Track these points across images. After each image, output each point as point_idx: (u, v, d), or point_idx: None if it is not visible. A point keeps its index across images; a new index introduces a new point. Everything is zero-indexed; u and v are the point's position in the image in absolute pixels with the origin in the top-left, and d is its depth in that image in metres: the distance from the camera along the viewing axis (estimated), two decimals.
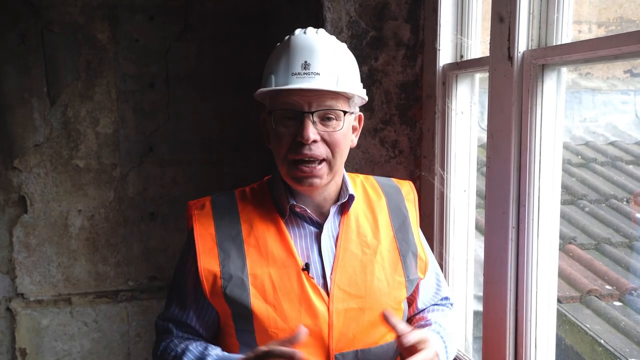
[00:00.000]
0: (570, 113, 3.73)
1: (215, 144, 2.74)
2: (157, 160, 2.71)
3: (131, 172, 2.69)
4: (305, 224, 1.21)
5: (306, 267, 1.15)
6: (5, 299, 2.63)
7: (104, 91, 2.63)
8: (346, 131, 1.18)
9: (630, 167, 3.21)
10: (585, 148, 3.44)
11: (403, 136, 1.99)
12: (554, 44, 1.35)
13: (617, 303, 2.18)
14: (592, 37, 3.46)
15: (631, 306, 2.17)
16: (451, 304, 1.43)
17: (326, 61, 1.14)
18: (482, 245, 1.57)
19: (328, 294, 1.15)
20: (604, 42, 1.17)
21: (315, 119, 1.13)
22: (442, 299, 1.40)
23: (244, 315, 1.14)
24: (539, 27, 1.38)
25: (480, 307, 1.81)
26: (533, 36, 1.38)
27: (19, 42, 2.52)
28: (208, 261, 1.16)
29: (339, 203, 1.23)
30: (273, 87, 1.15)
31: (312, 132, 1.12)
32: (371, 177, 1.38)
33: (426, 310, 1.36)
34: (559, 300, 2.23)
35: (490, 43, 1.49)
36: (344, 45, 1.24)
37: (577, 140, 3.51)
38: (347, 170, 1.42)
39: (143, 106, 2.67)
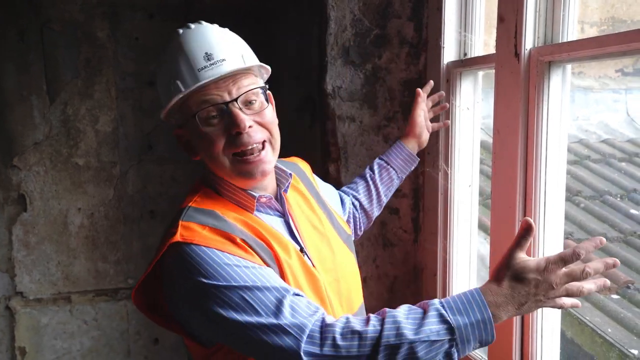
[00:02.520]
0: None
1: None
2: (156, 158, 2.71)
3: (131, 170, 2.69)
4: (269, 212, 1.18)
5: (302, 251, 1.16)
6: (5, 298, 2.61)
7: (103, 89, 2.62)
8: (271, 107, 1.18)
9: (623, 164, 3.27)
10: (579, 146, 3.50)
11: None
12: (560, 42, 1.38)
13: (615, 296, 2.23)
14: (584, 37, 3.51)
15: (629, 299, 2.21)
16: None
17: (225, 45, 1.12)
18: (483, 240, 1.60)
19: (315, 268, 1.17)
20: (612, 39, 1.20)
21: (240, 105, 1.10)
22: (347, 202, 1.52)
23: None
24: (545, 25, 1.41)
25: None
26: (539, 34, 1.41)
27: (18, 40, 2.50)
28: (256, 259, 1.08)
29: (286, 187, 1.22)
30: (190, 89, 1.08)
31: (245, 118, 1.09)
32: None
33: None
34: None
35: (496, 40, 1.52)
36: (226, 28, 1.22)
37: (571, 138, 3.57)
38: (352, 167, 1.45)
39: (142, 104, 2.67)
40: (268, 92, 1.19)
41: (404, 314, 0.98)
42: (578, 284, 0.96)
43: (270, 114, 1.16)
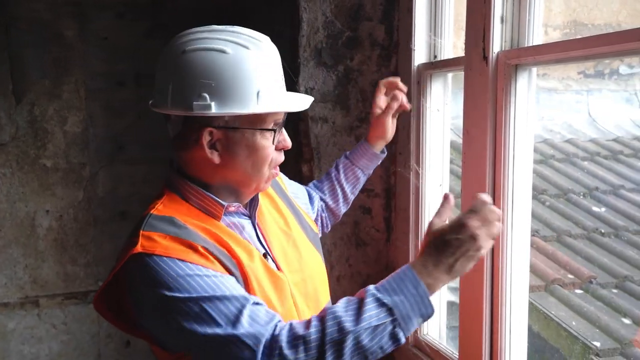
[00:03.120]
0: None
1: None
2: (127, 159, 2.68)
3: (101, 171, 2.66)
4: (237, 218, 1.18)
5: (265, 256, 1.15)
6: None
7: (72, 89, 2.58)
8: None
9: (585, 163, 3.38)
10: (544, 145, 3.60)
11: None
12: (526, 45, 1.42)
13: (579, 291, 2.31)
14: (549, 40, 3.62)
15: (591, 293, 2.30)
16: None
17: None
18: None
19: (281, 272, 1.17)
20: (573, 44, 1.25)
21: None
22: (314, 199, 1.55)
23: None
24: (512, 29, 1.46)
25: (452, 298, 1.89)
26: (506, 37, 1.45)
27: None
28: (207, 262, 1.06)
29: (260, 191, 1.22)
30: (289, 108, 1.11)
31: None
32: None
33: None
34: None
35: (465, 44, 1.56)
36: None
37: (537, 138, 3.67)
38: (325, 168, 1.45)
39: (113, 104, 2.64)
40: None
41: (342, 307, 1.00)
42: (495, 225, 1.03)
43: None
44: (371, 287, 1.01)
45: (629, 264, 2.46)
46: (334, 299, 2.14)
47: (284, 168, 2.14)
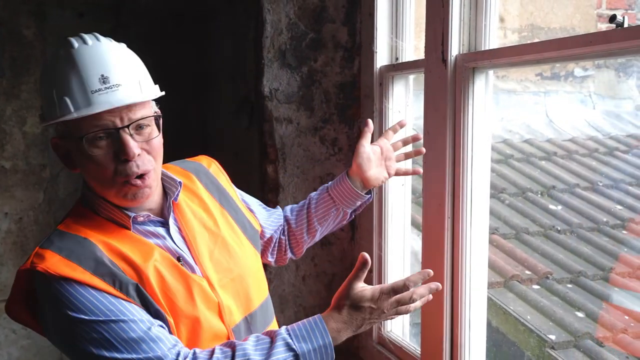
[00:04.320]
0: None
1: None
2: None
3: (62, 173, 2.61)
4: (150, 226, 1.16)
5: (179, 260, 1.14)
6: None
7: (31, 89, 2.53)
8: (160, 135, 1.15)
9: (543, 163, 3.49)
10: (504, 145, 3.70)
11: (342, 134, 2.07)
12: (483, 49, 1.47)
13: (536, 286, 2.39)
14: (506, 43, 3.72)
15: (547, 288, 2.38)
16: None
17: (124, 69, 1.08)
18: (416, 237, 1.68)
19: (205, 277, 1.16)
20: (527, 48, 1.31)
21: (131, 131, 1.07)
22: (277, 212, 1.51)
23: (162, 320, 1.09)
24: (469, 33, 1.50)
25: None
26: (464, 41, 1.50)
27: None
28: (103, 286, 1.04)
29: (175, 195, 1.20)
30: (81, 114, 1.03)
31: (134, 146, 1.07)
32: (171, 165, 1.33)
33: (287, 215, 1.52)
34: None
35: (425, 47, 1.60)
36: (124, 45, 1.16)
37: (496, 138, 3.76)
38: (290, 168, 1.46)
39: None
40: (160, 119, 1.17)
41: (252, 345, 1.06)
42: (405, 306, 1.12)
43: (158, 142, 1.14)
44: (282, 330, 1.08)
45: (583, 260, 2.56)
46: (301, 298, 2.17)
47: (251, 168, 2.16)
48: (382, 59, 1.92)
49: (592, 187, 3.20)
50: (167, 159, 1.26)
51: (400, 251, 1.97)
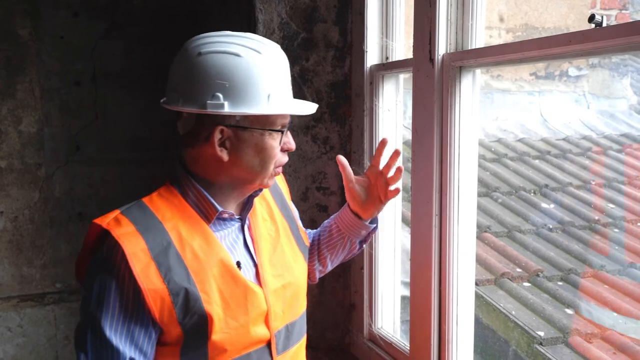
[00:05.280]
0: (484, 112, 4.02)
1: (144, 143, 2.73)
2: (84, 159, 2.66)
3: (57, 172, 2.63)
4: (227, 221, 1.20)
5: (238, 265, 1.17)
6: None
7: (26, 89, 2.55)
8: None
9: (536, 162, 3.51)
10: (498, 144, 3.72)
11: (334, 133, 2.09)
12: (469, 48, 1.49)
13: (526, 284, 2.40)
14: (501, 42, 3.74)
15: (538, 286, 2.40)
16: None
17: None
18: (408, 235, 1.70)
19: (260, 281, 1.19)
20: (511, 47, 1.32)
21: None
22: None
23: (197, 324, 1.11)
24: (456, 33, 1.52)
25: (405, 292, 1.95)
26: (451, 40, 1.52)
27: None
28: (150, 280, 1.06)
29: (259, 194, 1.25)
30: (294, 111, 1.16)
31: None
32: None
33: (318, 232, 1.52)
34: (476, 283, 2.43)
35: (413, 46, 1.62)
36: None
37: (490, 137, 3.78)
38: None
39: (69, 104, 2.62)
40: None
41: None
42: None
43: None
44: None
45: (573, 258, 2.57)
46: None
47: None
48: (372, 58, 1.94)
49: (584, 186, 3.21)
50: (165, 157, 1.27)
51: (391, 248, 1.99)
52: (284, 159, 1.20)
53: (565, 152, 3.63)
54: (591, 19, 1.06)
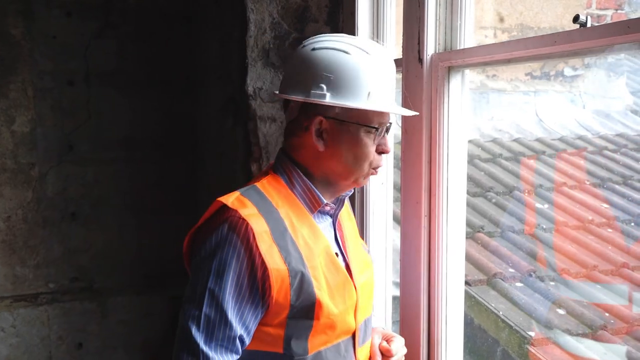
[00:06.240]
0: (479, 112, 4.02)
1: (138, 142, 2.73)
2: (77, 159, 2.66)
3: (50, 172, 2.63)
4: (324, 215, 1.27)
5: (336, 255, 1.23)
6: None
7: (19, 88, 2.55)
8: None
9: (531, 162, 3.51)
10: (493, 144, 3.72)
11: None
12: (458, 48, 1.49)
13: (519, 284, 2.41)
14: (495, 42, 3.73)
15: (530, 286, 2.40)
16: None
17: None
18: (399, 234, 1.70)
19: (351, 274, 1.25)
20: (498, 48, 1.32)
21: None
22: None
23: (306, 308, 1.14)
24: (445, 32, 1.52)
25: (397, 293, 1.94)
26: (440, 40, 1.52)
27: None
28: (274, 260, 1.10)
29: (350, 194, 1.31)
30: (393, 110, 1.21)
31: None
32: None
33: None
34: (469, 284, 2.43)
35: (402, 46, 1.62)
36: None
37: (486, 137, 3.78)
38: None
39: (62, 104, 2.62)
40: None
41: None
42: None
43: None
44: None
45: (566, 257, 2.58)
46: None
47: (236, 167, 2.18)
48: None
49: (578, 186, 3.22)
50: (158, 156, 1.28)
51: (382, 248, 1.98)
52: (380, 160, 1.23)
53: (560, 152, 3.64)
54: (575, 19, 1.06)
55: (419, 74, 1.54)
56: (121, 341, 2.75)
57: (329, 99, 1.15)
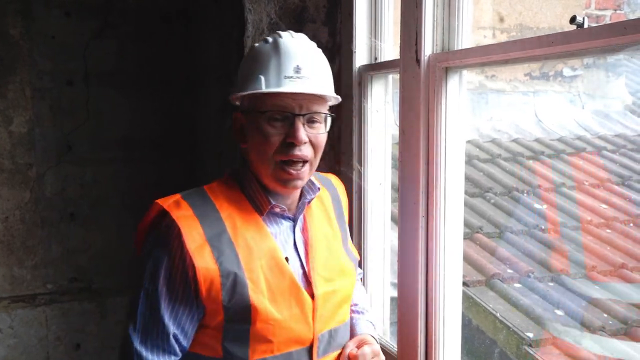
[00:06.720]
0: (478, 112, 4.01)
1: (137, 142, 2.73)
2: (76, 159, 2.66)
3: (48, 172, 2.62)
4: (280, 219, 1.24)
5: (286, 260, 1.19)
6: None
7: (17, 88, 2.55)
8: (326, 133, 1.24)
9: (530, 162, 3.51)
10: (492, 145, 3.71)
11: None
12: (455, 49, 1.49)
13: (517, 285, 2.40)
14: (495, 42, 3.73)
15: (528, 287, 2.39)
16: (360, 274, 1.57)
17: (315, 66, 1.20)
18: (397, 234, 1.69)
19: (309, 281, 1.22)
20: (495, 48, 1.32)
21: (304, 121, 1.17)
22: (359, 273, 1.54)
23: (240, 311, 1.13)
24: (442, 33, 1.52)
25: (395, 294, 1.94)
26: (437, 41, 1.51)
27: None
28: (203, 259, 1.10)
29: (313, 197, 1.27)
30: (270, 90, 1.15)
31: (303, 133, 1.16)
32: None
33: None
34: (467, 284, 2.43)
35: (400, 47, 1.61)
36: (320, 51, 1.28)
37: (485, 138, 3.78)
38: None
39: (61, 104, 2.62)
40: (330, 120, 1.27)
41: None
42: None
43: (323, 139, 1.23)
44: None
45: (565, 258, 2.57)
46: None
47: (234, 166, 2.16)
48: (361, 58, 1.93)
49: (577, 186, 3.21)
50: (157, 156, 1.29)
51: (380, 249, 1.98)
52: (289, 151, 1.16)
53: (559, 152, 3.63)
54: (572, 20, 1.06)
55: (417, 75, 1.54)
56: (120, 342, 2.75)
57: (232, 93, 1.20)
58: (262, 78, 1.16)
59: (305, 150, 1.18)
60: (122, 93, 2.68)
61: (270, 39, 1.21)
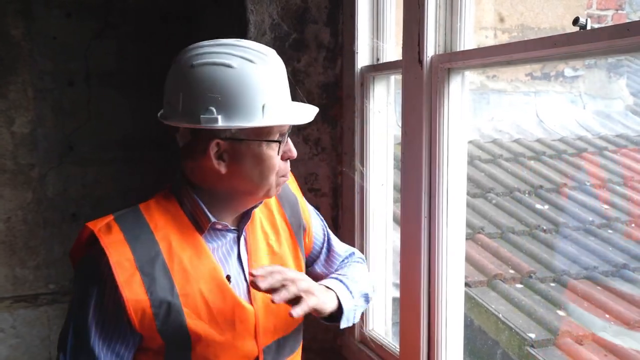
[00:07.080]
0: (480, 112, 4.01)
1: (138, 142, 2.73)
2: (78, 159, 2.66)
3: (50, 173, 2.63)
4: (221, 232, 1.17)
5: (228, 279, 1.15)
6: None
7: (19, 89, 2.55)
8: None
9: (532, 163, 3.51)
10: (493, 145, 3.71)
11: (325, 134, 2.09)
12: (458, 50, 1.49)
13: (519, 285, 2.40)
14: (496, 43, 3.74)
15: (530, 287, 2.39)
16: (361, 258, 1.47)
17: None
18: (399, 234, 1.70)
19: (251, 296, 1.17)
20: (498, 50, 1.32)
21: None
22: (345, 258, 1.44)
23: (178, 338, 1.09)
24: (445, 34, 1.52)
25: (397, 294, 1.94)
26: (440, 42, 1.51)
27: None
28: (132, 291, 1.04)
29: (258, 206, 1.21)
30: (294, 120, 1.10)
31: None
32: None
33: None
34: (469, 285, 2.43)
35: (402, 47, 1.62)
36: None
37: (486, 138, 3.78)
38: None
39: (62, 104, 2.62)
40: None
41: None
42: None
43: None
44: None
45: (567, 259, 2.57)
46: None
47: None
48: (363, 59, 1.93)
49: (579, 187, 3.21)
50: (158, 156, 1.27)
51: (382, 249, 1.98)
52: (286, 167, 1.16)
53: (560, 152, 3.63)
54: (575, 21, 1.06)
55: (419, 76, 1.54)
56: None
57: (221, 123, 1.05)
58: (267, 106, 1.06)
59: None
60: (123, 93, 2.68)
61: (254, 59, 1.07)
